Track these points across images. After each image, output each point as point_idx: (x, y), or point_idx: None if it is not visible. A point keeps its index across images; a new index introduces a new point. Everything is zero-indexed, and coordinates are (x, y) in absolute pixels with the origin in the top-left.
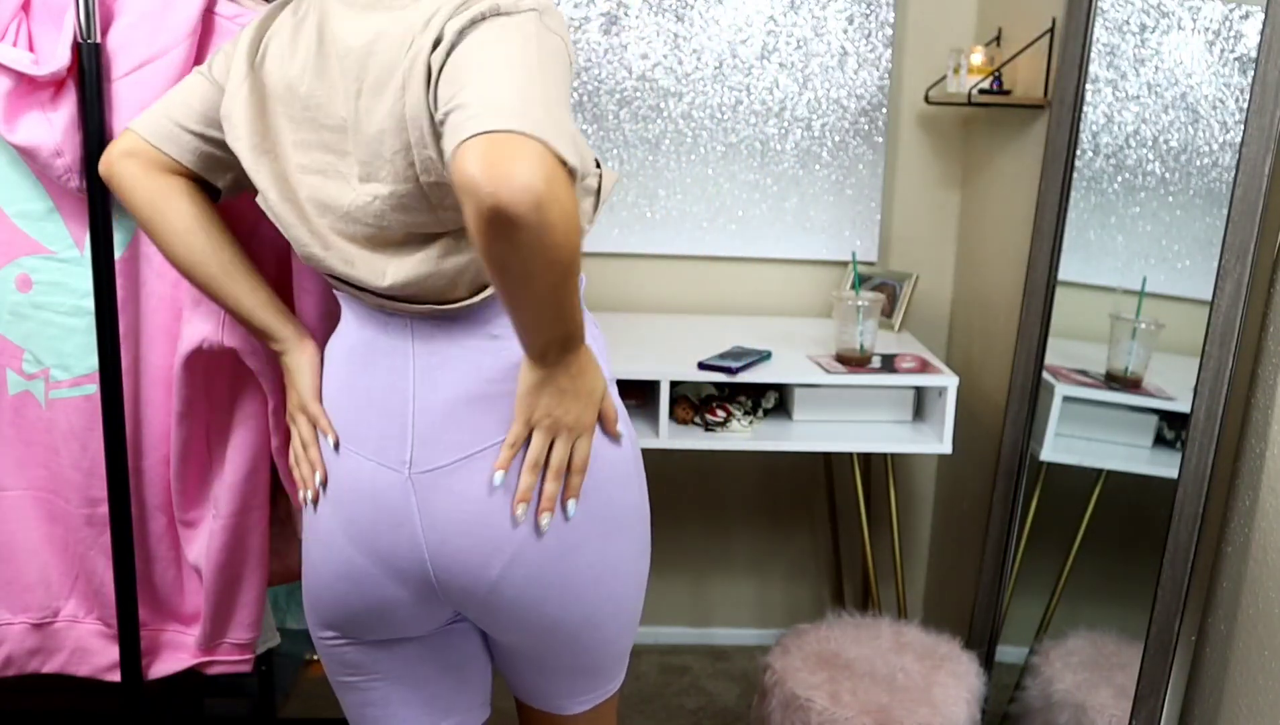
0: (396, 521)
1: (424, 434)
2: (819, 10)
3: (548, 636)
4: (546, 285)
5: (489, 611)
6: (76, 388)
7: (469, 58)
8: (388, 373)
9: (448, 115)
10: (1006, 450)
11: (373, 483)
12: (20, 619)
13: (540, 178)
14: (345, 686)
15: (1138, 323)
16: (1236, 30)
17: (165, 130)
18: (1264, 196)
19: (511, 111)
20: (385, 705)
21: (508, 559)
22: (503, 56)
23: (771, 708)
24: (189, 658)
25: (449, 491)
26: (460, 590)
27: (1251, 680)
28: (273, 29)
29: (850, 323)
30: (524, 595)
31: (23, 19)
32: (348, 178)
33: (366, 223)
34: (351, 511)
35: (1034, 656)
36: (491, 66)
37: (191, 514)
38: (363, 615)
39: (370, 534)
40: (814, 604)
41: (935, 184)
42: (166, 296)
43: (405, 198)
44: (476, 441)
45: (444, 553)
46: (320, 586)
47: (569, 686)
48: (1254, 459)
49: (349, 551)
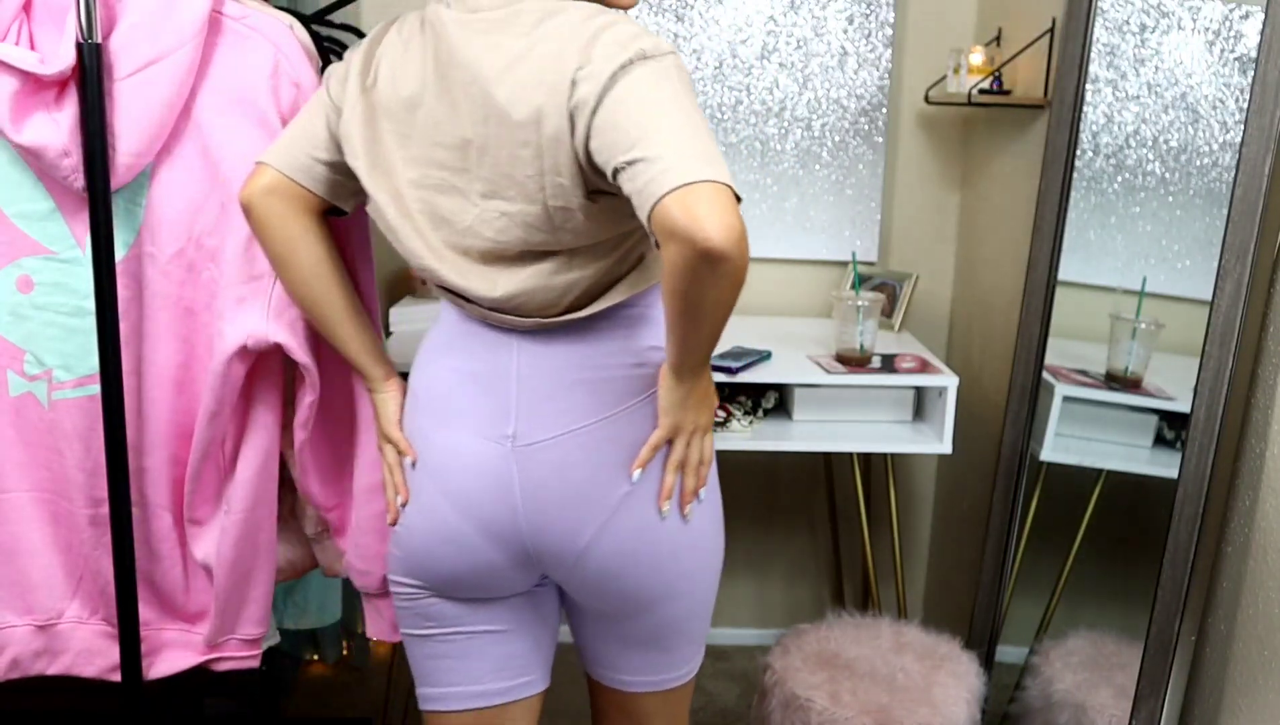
0: (498, 491)
1: (526, 411)
2: (819, 10)
3: (626, 605)
4: (726, 307)
5: (575, 577)
6: (80, 388)
7: (629, 106)
8: (490, 359)
9: (628, 166)
10: (1006, 450)
11: (475, 455)
12: (25, 621)
13: (736, 217)
14: (422, 639)
15: (1138, 323)
16: (1236, 30)
17: (298, 163)
18: (1264, 196)
19: (700, 161)
20: (462, 658)
21: (597, 529)
22: (668, 104)
23: (771, 708)
24: (194, 656)
25: (547, 464)
26: (551, 556)
27: (1251, 680)
28: (381, 49)
29: (850, 323)
30: (609, 564)
31: (23, 20)
32: (467, 194)
33: (486, 237)
34: (454, 481)
35: (1034, 656)
36: (663, 115)
37: (201, 512)
38: (463, 575)
39: (474, 502)
40: (814, 604)
41: (935, 184)
42: (171, 296)
43: (531, 217)
44: (575, 421)
45: (539, 520)
46: (421, 550)
47: (639, 662)
48: (1254, 459)
49: (453, 518)
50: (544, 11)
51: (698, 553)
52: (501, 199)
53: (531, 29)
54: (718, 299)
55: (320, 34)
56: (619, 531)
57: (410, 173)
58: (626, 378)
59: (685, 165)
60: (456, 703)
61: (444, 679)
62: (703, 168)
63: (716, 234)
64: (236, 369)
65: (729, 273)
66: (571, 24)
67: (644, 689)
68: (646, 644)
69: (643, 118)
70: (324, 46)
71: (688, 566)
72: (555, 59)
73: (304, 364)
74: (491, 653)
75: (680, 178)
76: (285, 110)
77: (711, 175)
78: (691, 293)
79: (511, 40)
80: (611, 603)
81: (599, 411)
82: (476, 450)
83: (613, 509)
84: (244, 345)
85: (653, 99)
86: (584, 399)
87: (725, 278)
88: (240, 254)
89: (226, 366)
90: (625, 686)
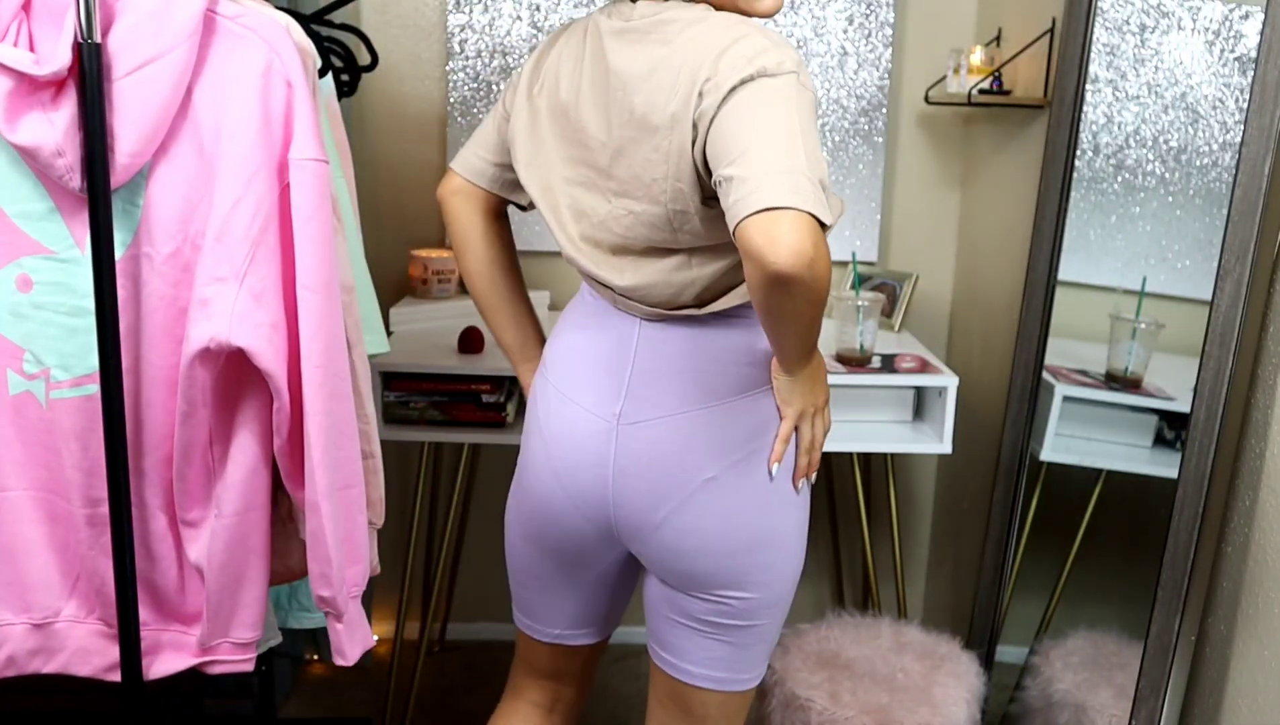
0: (596, 467)
1: (635, 393)
2: (819, 10)
3: (697, 584)
4: (808, 319)
5: (651, 550)
6: (77, 388)
7: (738, 121)
8: (615, 340)
9: (725, 181)
10: (1006, 450)
11: (586, 428)
12: (21, 619)
13: (810, 244)
14: (523, 584)
15: (1138, 323)
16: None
17: (475, 167)
18: (1264, 196)
19: (786, 187)
20: (547, 606)
21: (674, 506)
22: (774, 123)
23: (771, 708)
24: (190, 657)
25: (643, 442)
26: (631, 528)
27: (1251, 680)
28: (549, 59)
29: (850, 323)
30: (681, 543)
31: (23, 19)
32: (604, 192)
33: (615, 232)
34: (561, 453)
35: (1034, 656)
36: (761, 134)
37: (194, 514)
38: (556, 541)
39: (573, 475)
40: (814, 604)
41: (935, 184)
42: (168, 296)
43: (653, 217)
44: (678, 407)
45: (624, 493)
46: (527, 507)
47: (704, 654)
48: (1254, 459)
49: (552, 484)
50: (687, 21)
51: (776, 550)
52: (630, 198)
53: (673, 38)
54: (796, 311)
55: (320, 34)
56: (695, 512)
57: (567, 171)
58: (736, 374)
59: (770, 190)
60: (540, 634)
61: (532, 613)
62: (786, 194)
63: (786, 261)
64: (200, 371)
65: (801, 293)
66: (709, 34)
67: (705, 684)
68: (714, 633)
69: (745, 135)
70: (324, 46)
71: (763, 560)
72: (690, 69)
73: (267, 371)
74: (569, 611)
75: (761, 202)
76: (278, 109)
77: (793, 202)
78: (770, 305)
79: (654, 48)
80: (683, 581)
81: (702, 402)
82: (587, 427)
83: (692, 491)
84: (207, 347)
85: (760, 116)
86: (691, 388)
87: (799, 297)
88: (208, 254)
89: (190, 368)
90: (689, 678)
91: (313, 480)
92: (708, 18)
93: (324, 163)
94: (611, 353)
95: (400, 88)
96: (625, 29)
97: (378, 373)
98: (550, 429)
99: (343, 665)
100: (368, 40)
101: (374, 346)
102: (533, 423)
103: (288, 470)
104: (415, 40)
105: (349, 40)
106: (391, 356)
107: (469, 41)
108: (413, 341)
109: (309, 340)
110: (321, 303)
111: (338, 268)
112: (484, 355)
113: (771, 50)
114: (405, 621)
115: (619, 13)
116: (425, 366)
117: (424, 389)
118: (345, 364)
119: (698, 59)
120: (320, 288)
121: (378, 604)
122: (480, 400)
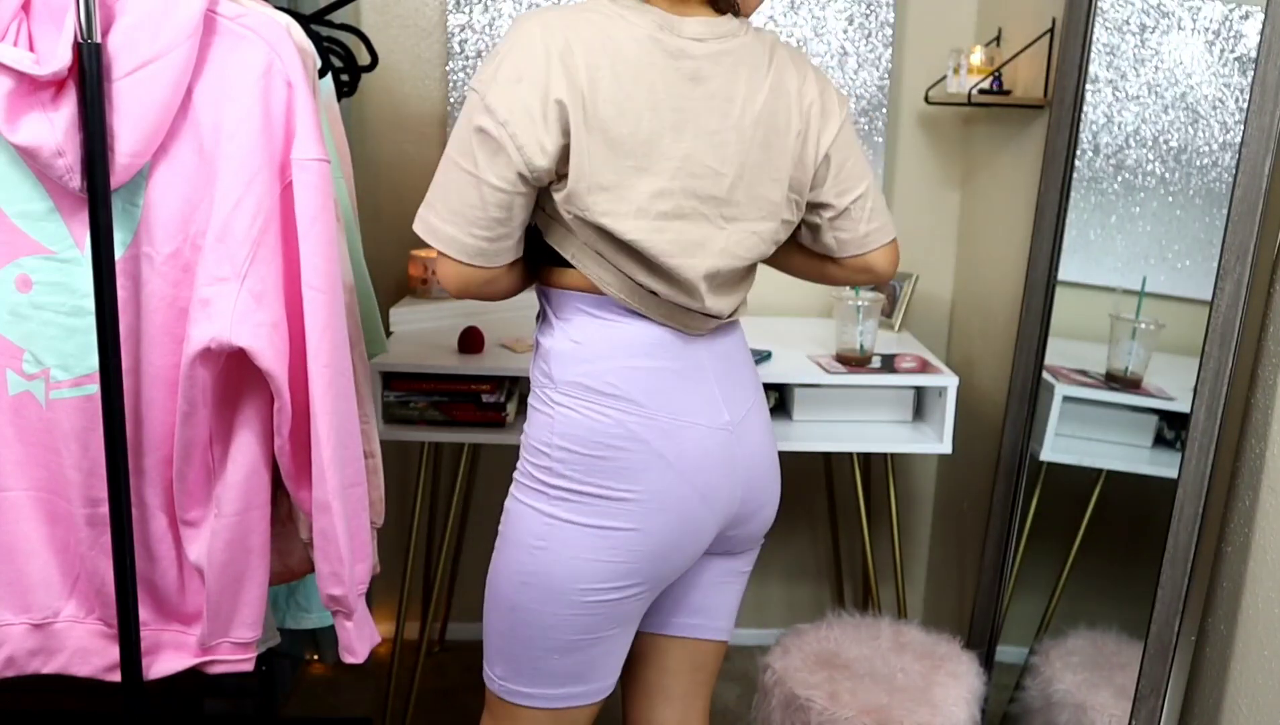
0: (728, 476)
1: (726, 397)
2: (819, 10)
3: (754, 545)
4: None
5: (750, 528)
6: (77, 388)
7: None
8: (686, 356)
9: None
10: (1006, 450)
11: (714, 442)
12: (21, 619)
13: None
14: (598, 641)
15: (1138, 323)
16: (1236, 30)
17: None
18: (1264, 196)
19: (890, 220)
20: (613, 654)
21: (771, 481)
22: (863, 158)
23: (771, 708)
24: (190, 657)
25: (749, 440)
26: (749, 515)
27: (1251, 680)
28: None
29: (850, 323)
30: (772, 507)
31: (23, 19)
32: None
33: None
34: (703, 475)
35: (1034, 656)
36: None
37: (194, 514)
38: (685, 563)
39: (712, 485)
40: (814, 604)
41: (935, 184)
42: (167, 296)
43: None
44: (749, 396)
45: (750, 488)
46: (666, 545)
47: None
48: (1254, 459)
49: (700, 509)
50: (766, 42)
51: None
52: (748, 221)
53: (771, 58)
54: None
55: (320, 34)
56: (775, 478)
57: (655, 205)
58: (748, 357)
59: (889, 223)
60: (597, 696)
61: (594, 675)
62: (892, 227)
63: (891, 277)
64: (201, 371)
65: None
66: (785, 55)
67: (723, 637)
68: (739, 579)
69: (857, 166)
70: (324, 46)
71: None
72: (798, 92)
73: (267, 371)
74: (627, 645)
75: (889, 234)
76: (278, 109)
77: (894, 233)
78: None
79: (764, 71)
80: (754, 541)
81: (756, 386)
82: (714, 441)
83: (774, 462)
84: (208, 347)
85: (858, 150)
86: (748, 377)
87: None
88: (209, 254)
89: (191, 368)
90: (716, 634)
91: (323, 480)
92: (760, 34)
93: (326, 162)
94: (689, 368)
95: (400, 88)
96: (714, 52)
97: (378, 373)
98: (685, 456)
99: (352, 663)
100: (368, 40)
101: (373, 347)
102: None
103: (288, 470)
104: (415, 40)
105: (349, 40)
106: (391, 356)
107: (469, 41)
108: (413, 341)
109: (316, 340)
110: (328, 302)
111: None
112: (484, 355)
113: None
114: (405, 621)
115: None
116: (425, 366)
117: (424, 389)
118: (350, 363)
119: (800, 80)
120: (327, 288)
121: (378, 604)
122: (480, 400)
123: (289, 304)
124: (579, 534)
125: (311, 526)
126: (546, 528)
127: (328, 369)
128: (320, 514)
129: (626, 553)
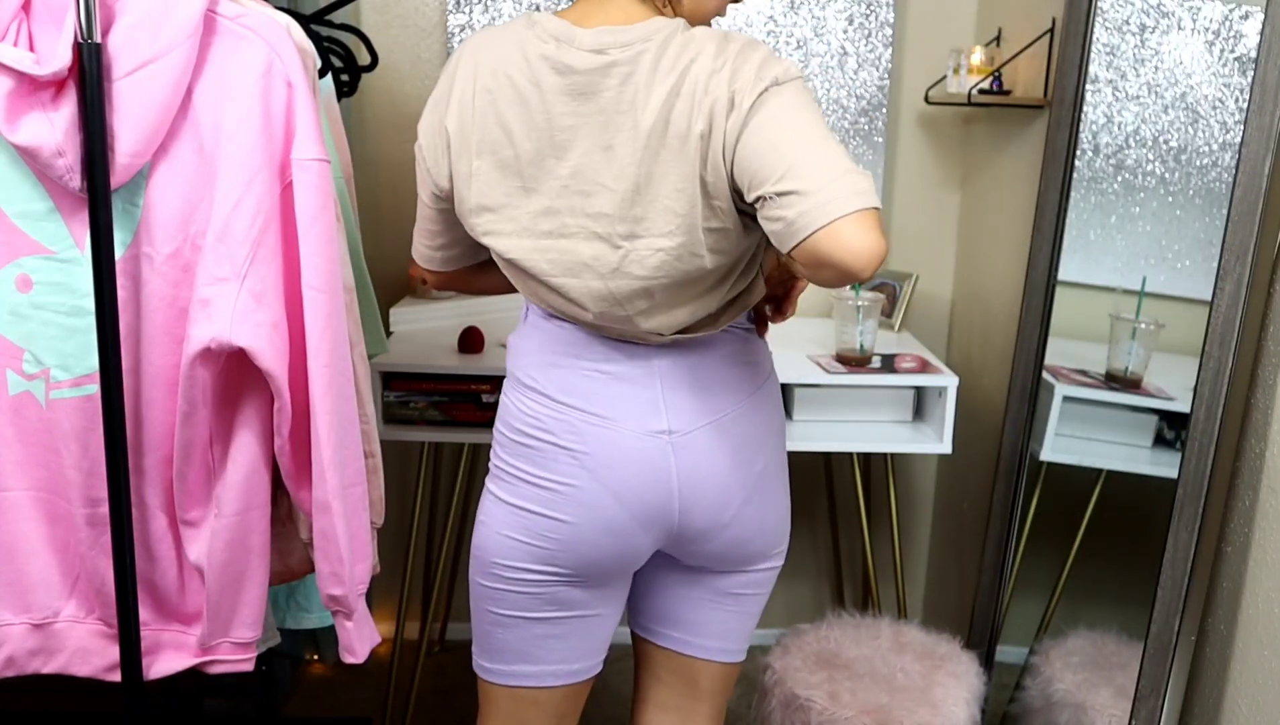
0: (659, 483)
1: (674, 406)
2: (819, 10)
3: (746, 563)
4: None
5: (709, 547)
6: (77, 388)
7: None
8: (630, 362)
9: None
10: (1006, 450)
11: (640, 451)
12: (21, 619)
13: (880, 238)
14: (536, 622)
15: (1138, 323)
16: (1236, 30)
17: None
18: (1264, 196)
19: (848, 191)
20: (565, 638)
21: (741, 503)
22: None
23: (771, 708)
24: (190, 657)
25: (698, 451)
26: (696, 532)
27: (1251, 680)
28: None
29: (850, 323)
30: (745, 532)
31: (23, 19)
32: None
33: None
34: (618, 477)
35: (1034, 656)
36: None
37: (194, 514)
38: (611, 561)
39: (638, 494)
40: (814, 604)
41: (935, 184)
42: (167, 296)
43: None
44: (714, 411)
45: (693, 503)
46: (579, 540)
47: (721, 626)
48: (1254, 459)
49: (615, 510)
50: (681, 40)
51: (788, 520)
52: (654, 236)
53: (677, 59)
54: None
55: (320, 34)
56: (757, 502)
57: (539, 224)
58: (745, 373)
59: (839, 199)
60: (553, 679)
61: (546, 657)
62: (851, 198)
63: (865, 264)
64: (201, 371)
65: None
66: (708, 48)
67: (721, 658)
68: (734, 605)
69: (786, 146)
70: (324, 46)
71: (785, 530)
72: (704, 88)
73: (267, 371)
74: (592, 633)
75: (833, 212)
76: (278, 109)
77: (860, 204)
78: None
79: (663, 75)
80: (739, 563)
81: (730, 402)
82: (640, 446)
83: (751, 485)
84: (208, 347)
85: (792, 125)
86: (722, 391)
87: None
88: (209, 254)
89: (191, 368)
90: (704, 653)
91: (323, 480)
92: (692, 33)
93: (326, 162)
94: (633, 373)
95: (400, 88)
96: (604, 64)
97: (378, 373)
98: (598, 456)
99: (352, 663)
100: (368, 40)
101: (374, 347)
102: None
103: (288, 470)
104: (415, 40)
105: (349, 40)
106: (391, 356)
107: None
108: (413, 341)
109: (317, 340)
110: (329, 302)
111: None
112: (484, 355)
113: (773, 59)
114: (405, 621)
115: (576, 42)
116: (425, 366)
117: (424, 389)
118: (350, 363)
119: (711, 75)
120: (327, 288)
121: (378, 604)
122: (480, 400)
123: (289, 304)
124: (502, 510)
125: (311, 526)
126: (487, 503)
127: (328, 369)
128: (320, 514)
129: (539, 536)
